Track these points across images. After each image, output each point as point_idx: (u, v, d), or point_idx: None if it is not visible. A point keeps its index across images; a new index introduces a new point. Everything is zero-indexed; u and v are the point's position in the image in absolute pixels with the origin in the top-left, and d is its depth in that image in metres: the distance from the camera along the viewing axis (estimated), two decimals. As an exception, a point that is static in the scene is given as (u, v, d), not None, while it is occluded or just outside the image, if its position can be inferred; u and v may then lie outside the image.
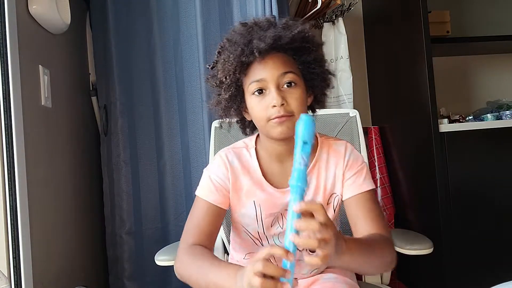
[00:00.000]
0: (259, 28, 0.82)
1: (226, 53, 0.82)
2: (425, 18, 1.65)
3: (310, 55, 0.84)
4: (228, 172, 0.90)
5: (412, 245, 1.06)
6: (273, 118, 0.80)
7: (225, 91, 0.85)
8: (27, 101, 1.19)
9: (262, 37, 0.78)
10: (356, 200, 0.87)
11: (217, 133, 1.33)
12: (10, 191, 1.10)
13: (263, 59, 0.80)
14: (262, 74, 0.80)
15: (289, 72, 0.81)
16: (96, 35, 1.76)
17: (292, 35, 0.80)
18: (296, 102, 0.80)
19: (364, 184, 0.87)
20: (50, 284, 1.26)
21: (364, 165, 0.90)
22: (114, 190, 1.70)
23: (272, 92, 0.79)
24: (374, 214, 0.85)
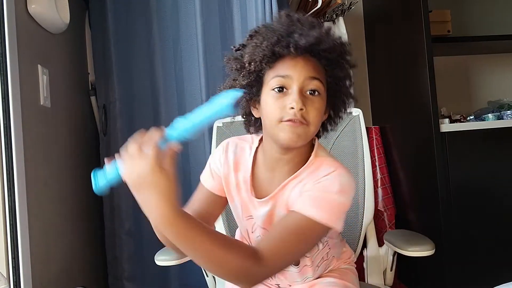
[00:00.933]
0: (302, 25, 0.75)
1: (259, 37, 0.76)
2: (426, 18, 1.64)
3: (342, 71, 0.80)
4: (224, 161, 0.89)
5: (414, 247, 1.05)
6: (286, 120, 0.74)
7: (244, 77, 0.78)
8: (26, 100, 1.18)
9: (304, 34, 0.73)
10: (289, 215, 0.75)
11: (219, 132, 1.33)
12: (9, 191, 1.09)
13: (295, 56, 0.75)
14: (289, 71, 0.75)
15: (317, 79, 0.75)
16: (95, 34, 1.76)
17: (334, 44, 0.76)
18: (315, 112, 0.75)
19: (309, 209, 0.72)
20: (49, 284, 1.25)
21: (331, 196, 0.74)
22: (113, 190, 1.70)
23: (293, 93, 0.73)
24: (280, 237, 0.72)
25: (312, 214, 0.72)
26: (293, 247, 0.73)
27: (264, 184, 0.85)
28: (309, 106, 0.74)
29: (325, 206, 0.73)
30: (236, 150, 0.90)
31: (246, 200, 0.87)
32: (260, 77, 0.78)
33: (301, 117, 0.73)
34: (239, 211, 0.89)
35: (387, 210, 1.91)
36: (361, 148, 1.26)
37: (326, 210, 0.73)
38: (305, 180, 0.79)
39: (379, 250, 1.22)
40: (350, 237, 1.23)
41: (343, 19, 2.06)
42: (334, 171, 0.77)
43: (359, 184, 1.25)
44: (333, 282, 0.91)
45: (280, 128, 0.75)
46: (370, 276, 1.22)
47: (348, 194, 0.76)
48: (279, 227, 0.75)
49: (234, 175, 0.88)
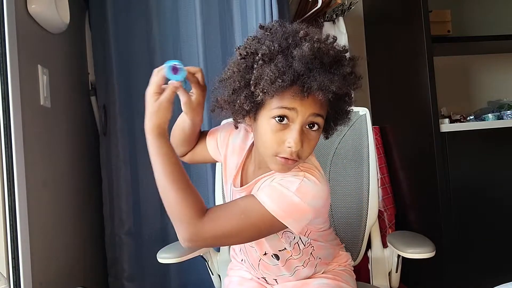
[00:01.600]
0: (322, 64, 0.70)
1: (273, 69, 0.69)
2: (426, 18, 1.65)
3: (345, 103, 0.79)
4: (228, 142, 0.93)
5: (414, 249, 1.05)
6: (281, 157, 0.73)
7: (246, 98, 0.74)
8: (26, 101, 1.18)
9: (322, 84, 0.68)
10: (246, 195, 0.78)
11: None
12: (9, 191, 1.09)
13: (306, 91, 0.70)
14: (296, 104, 0.71)
15: (320, 116, 0.74)
16: (95, 34, 1.76)
17: (348, 89, 0.74)
18: (310, 149, 0.75)
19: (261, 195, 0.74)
20: (49, 284, 1.25)
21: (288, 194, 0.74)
22: (113, 191, 1.70)
23: (294, 131, 0.71)
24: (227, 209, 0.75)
25: (264, 201, 0.73)
26: (237, 222, 0.73)
27: (249, 177, 0.88)
28: (306, 143, 0.74)
29: (278, 198, 0.74)
30: (241, 134, 0.93)
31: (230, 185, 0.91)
32: (262, 101, 0.74)
33: (296, 156, 0.73)
34: (230, 190, 0.92)
35: (387, 210, 1.91)
36: (366, 148, 1.25)
37: (278, 202, 0.73)
38: (274, 175, 0.81)
39: (383, 252, 1.22)
40: (354, 238, 1.23)
41: (343, 19, 2.06)
42: (302, 174, 0.77)
43: (363, 185, 1.24)
44: (325, 283, 0.92)
45: (274, 160, 0.75)
46: (375, 277, 1.21)
47: (305, 197, 0.74)
48: (234, 201, 0.78)
49: (232, 159, 0.91)
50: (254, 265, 0.94)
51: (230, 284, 0.99)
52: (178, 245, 1.15)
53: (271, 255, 0.89)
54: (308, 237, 0.89)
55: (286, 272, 0.92)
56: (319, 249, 0.93)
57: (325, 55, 0.70)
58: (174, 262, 1.10)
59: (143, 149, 1.76)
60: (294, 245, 0.88)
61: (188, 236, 0.72)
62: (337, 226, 1.25)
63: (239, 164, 0.89)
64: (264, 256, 0.90)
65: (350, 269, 1.03)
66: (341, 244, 1.06)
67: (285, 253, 0.89)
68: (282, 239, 0.86)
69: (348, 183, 1.25)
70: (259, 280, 0.98)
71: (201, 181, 1.66)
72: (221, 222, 0.73)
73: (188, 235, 0.72)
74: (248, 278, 0.99)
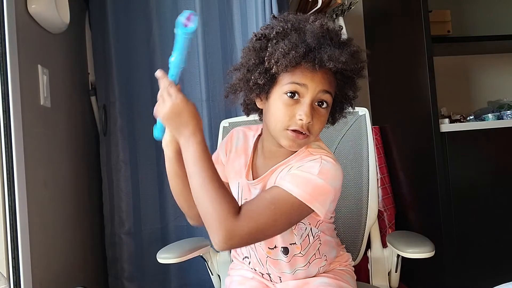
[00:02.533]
0: (332, 40, 0.76)
1: (287, 43, 0.75)
2: (426, 18, 1.64)
3: (351, 88, 0.83)
4: (228, 149, 0.97)
5: (414, 248, 1.05)
6: (292, 130, 0.77)
7: (261, 74, 0.79)
8: (26, 100, 1.18)
9: (332, 55, 0.74)
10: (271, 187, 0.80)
11: (225, 132, 1.33)
12: (9, 191, 1.09)
13: (314, 69, 0.76)
14: (307, 80, 0.76)
15: (329, 93, 0.79)
16: (95, 34, 1.76)
17: (355, 67, 0.78)
18: (320, 124, 0.80)
19: (286, 183, 0.76)
20: (49, 284, 1.25)
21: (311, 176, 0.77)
22: (113, 191, 1.70)
23: (305, 105, 0.76)
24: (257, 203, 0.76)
25: (289, 188, 0.75)
26: (269, 214, 0.74)
27: (259, 170, 0.90)
28: (316, 119, 0.78)
29: (302, 183, 0.76)
30: (241, 136, 0.97)
31: (244, 183, 0.92)
32: (275, 76, 0.79)
33: (306, 130, 0.77)
34: (238, 196, 0.93)
35: (387, 210, 1.91)
36: (366, 148, 1.25)
37: (303, 187, 0.75)
38: (291, 164, 0.83)
39: (383, 252, 1.22)
40: (354, 238, 1.23)
41: (343, 19, 2.06)
42: (319, 157, 0.80)
43: (363, 185, 1.25)
44: (326, 282, 0.92)
45: (284, 135, 0.78)
46: (375, 277, 1.21)
47: (328, 178, 0.78)
48: (262, 196, 0.78)
49: (238, 160, 0.94)
50: (261, 261, 0.94)
51: (231, 284, 0.99)
52: (178, 245, 1.15)
53: (280, 248, 0.90)
54: (318, 228, 0.91)
55: (289, 270, 0.93)
56: (325, 244, 0.95)
57: (334, 34, 0.77)
58: (174, 262, 1.11)
59: (143, 149, 1.78)
60: (305, 238, 0.89)
61: (225, 234, 0.71)
62: (337, 226, 1.24)
63: (249, 160, 0.92)
64: (273, 251, 0.90)
65: (351, 269, 1.04)
66: (342, 245, 1.07)
67: (294, 248, 0.90)
68: (295, 231, 0.88)
69: (347, 183, 1.25)
70: (262, 278, 0.98)
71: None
72: (254, 216, 0.73)
73: (225, 234, 0.71)
74: (249, 277, 0.99)
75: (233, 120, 1.34)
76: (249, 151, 0.93)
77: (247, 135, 0.96)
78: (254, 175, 0.91)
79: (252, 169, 0.92)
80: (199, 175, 0.74)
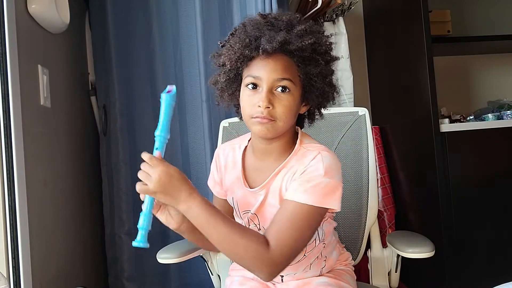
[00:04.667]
0: (273, 27, 0.81)
1: (235, 38, 0.82)
2: (425, 18, 1.64)
3: (317, 68, 0.82)
4: (218, 167, 0.98)
5: (414, 248, 1.05)
6: (255, 117, 0.81)
7: (224, 74, 0.85)
8: (26, 100, 1.18)
9: (271, 38, 0.77)
10: (282, 204, 0.81)
11: (225, 132, 1.33)
12: (9, 191, 1.09)
13: (266, 57, 0.79)
14: (260, 72, 0.80)
15: (286, 79, 0.80)
16: (95, 34, 1.76)
17: (303, 44, 0.79)
18: (283, 108, 0.80)
19: (300, 195, 0.78)
20: (49, 284, 1.25)
21: (319, 179, 0.79)
22: (113, 190, 1.70)
23: (262, 93, 0.80)
24: (280, 226, 0.77)
25: (305, 200, 0.77)
26: (296, 233, 0.76)
27: (256, 175, 0.90)
28: (277, 104, 0.80)
29: (314, 190, 0.78)
30: (226, 153, 0.97)
31: (241, 194, 0.91)
32: (238, 73, 0.85)
33: (267, 115, 0.80)
34: (236, 208, 0.94)
35: (387, 210, 1.91)
36: (366, 148, 1.25)
37: (315, 193, 0.78)
38: (295, 167, 0.84)
39: (383, 251, 1.22)
40: (354, 237, 1.23)
41: (343, 19, 2.06)
42: (318, 154, 0.82)
43: (363, 185, 1.25)
44: (326, 282, 0.93)
45: (252, 122, 0.82)
46: (375, 277, 1.21)
47: (333, 174, 0.81)
48: (279, 217, 0.79)
49: (228, 175, 0.95)
50: None
51: (232, 284, 1.00)
52: (178, 245, 1.15)
53: None
54: (322, 229, 0.92)
55: (292, 271, 0.93)
56: (329, 246, 0.96)
57: (275, 20, 0.81)
58: (174, 262, 1.10)
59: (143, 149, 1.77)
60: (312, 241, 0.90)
61: (268, 270, 0.75)
62: (337, 226, 1.24)
63: (239, 170, 0.92)
64: None
65: (351, 269, 1.04)
66: (342, 244, 1.07)
67: None
68: None
69: (347, 183, 1.25)
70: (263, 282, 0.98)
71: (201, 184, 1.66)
72: (284, 241, 0.75)
73: (268, 269, 0.74)
74: (250, 277, 0.99)
75: (233, 120, 1.34)
76: (238, 161, 0.93)
77: (234, 148, 0.97)
78: (251, 181, 0.91)
79: (247, 177, 0.92)
80: (218, 231, 0.74)
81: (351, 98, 2.08)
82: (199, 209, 0.74)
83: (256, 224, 0.91)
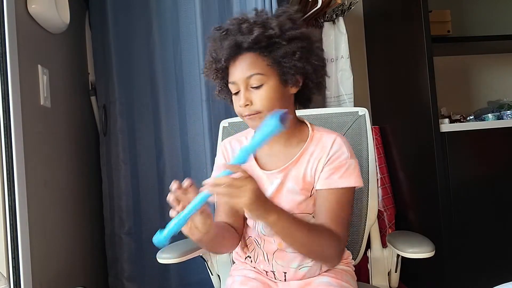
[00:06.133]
0: (227, 35, 0.88)
1: (207, 57, 0.93)
2: (425, 18, 1.64)
3: (280, 50, 0.86)
4: (226, 159, 1.01)
5: (414, 248, 1.05)
6: (244, 116, 0.89)
7: (217, 86, 0.96)
8: (26, 100, 1.18)
9: (227, 47, 0.86)
10: (324, 194, 0.89)
11: (225, 132, 1.33)
12: (9, 191, 1.09)
13: (234, 62, 0.88)
14: (234, 76, 0.89)
15: (254, 74, 0.86)
16: (95, 34, 1.76)
17: (252, 39, 0.84)
18: (262, 101, 0.86)
19: (339, 181, 0.88)
20: (49, 284, 1.25)
21: (347, 162, 0.90)
22: (113, 191, 1.70)
23: (239, 95, 0.88)
24: (334, 213, 0.87)
25: (344, 184, 0.88)
26: (346, 215, 0.89)
27: (270, 160, 0.96)
28: (255, 99, 0.87)
29: (348, 173, 0.89)
30: (233, 145, 1.03)
31: (260, 175, 0.95)
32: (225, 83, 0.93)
33: (249, 111, 0.88)
34: None
35: (387, 210, 1.91)
36: (366, 148, 1.25)
37: (350, 175, 0.89)
38: (316, 153, 0.92)
39: (383, 251, 1.22)
40: (354, 238, 1.23)
41: (343, 19, 2.06)
42: (336, 138, 0.93)
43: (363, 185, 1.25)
44: (328, 282, 0.94)
45: (245, 120, 0.91)
46: (375, 277, 1.21)
47: (353, 154, 0.93)
48: (329, 206, 0.88)
49: None
50: (268, 257, 0.97)
51: (233, 284, 1.00)
52: (178, 245, 1.15)
53: None
54: None
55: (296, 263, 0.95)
56: None
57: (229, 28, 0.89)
58: (174, 262, 1.10)
59: (143, 149, 1.78)
60: None
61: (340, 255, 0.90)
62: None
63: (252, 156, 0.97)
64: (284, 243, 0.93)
65: (351, 269, 1.05)
66: None
67: None
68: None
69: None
70: (265, 278, 0.99)
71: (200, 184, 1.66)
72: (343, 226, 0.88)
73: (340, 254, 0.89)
74: (251, 277, 0.99)
75: (233, 120, 1.34)
76: None
77: (239, 140, 1.03)
78: (265, 166, 0.96)
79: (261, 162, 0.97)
80: (301, 235, 0.81)
81: (351, 98, 2.08)
82: (287, 219, 0.79)
83: None
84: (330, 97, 2.13)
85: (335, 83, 2.11)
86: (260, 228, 0.96)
